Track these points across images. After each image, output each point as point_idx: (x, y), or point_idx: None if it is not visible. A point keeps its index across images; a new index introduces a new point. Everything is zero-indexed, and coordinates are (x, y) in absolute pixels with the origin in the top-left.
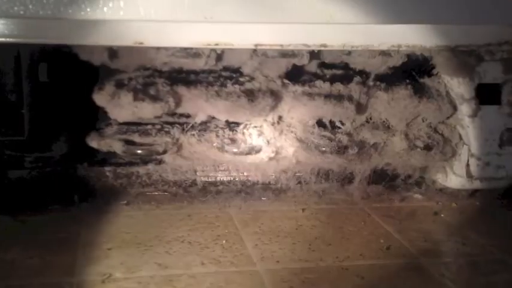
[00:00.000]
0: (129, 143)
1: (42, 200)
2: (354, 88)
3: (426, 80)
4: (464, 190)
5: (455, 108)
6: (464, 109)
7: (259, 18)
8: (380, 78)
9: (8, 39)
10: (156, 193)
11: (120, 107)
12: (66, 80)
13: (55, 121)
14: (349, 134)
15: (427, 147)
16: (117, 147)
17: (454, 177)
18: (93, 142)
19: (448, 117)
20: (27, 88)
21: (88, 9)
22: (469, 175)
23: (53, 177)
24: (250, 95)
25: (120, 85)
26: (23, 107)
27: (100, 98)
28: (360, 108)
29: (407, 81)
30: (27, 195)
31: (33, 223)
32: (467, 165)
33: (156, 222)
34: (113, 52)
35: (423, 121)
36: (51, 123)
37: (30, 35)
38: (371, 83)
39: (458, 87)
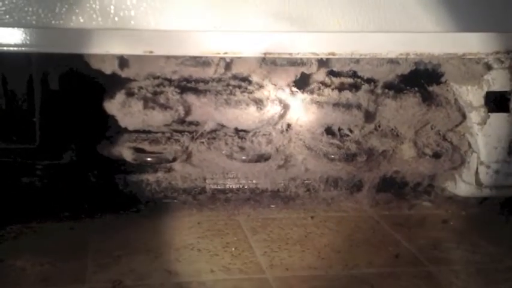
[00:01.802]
0: (139, 150)
1: (53, 208)
2: (363, 96)
3: (435, 88)
4: (473, 198)
5: (464, 116)
6: (473, 117)
7: (268, 27)
8: (388, 86)
9: (20, 49)
10: (166, 200)
11: (130, 115)
12: (77, 89)
13: (66, 129)
14: (357, 142)
15: (436, 155)
16: (127, 155)
17: (463, 185)
18: (104, 150)
19: (456, 125)
20: (38, 97)
21: (99, 19)
22: (478, 183)
23: (63, 185)
24: (259, 103)
25: (130, 93)
26: (35, 115)
27: (110, 106)
28: (369, 116)
29: (416, 89)
30: (38, 203)
31: (43, 230)
32: (477, 173)
33: (166, 229)
34: (124, 61)
35: (432, 129)
36: (62, 132)
37: (42, 44)
38: (379, 91)
39: (467, 95)
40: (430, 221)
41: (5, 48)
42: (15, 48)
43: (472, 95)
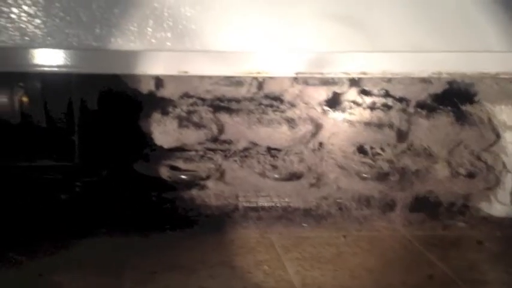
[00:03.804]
0: (173, 168)
1: (89, 224)
2: (395, 115)
3: (468, 107)
4: (508, 219)
5: (498, 135)
6: (508, 136)
7: (300, 47)
8: (421, 105)
9: (61, 70)
10: (199, 218)
11: (165, 133)
12: (115, 108)
13: (104, 147)
14: (390, 161)
15: (470, 175)
16: (163, 172)
17: (498, 206)
18: (140, 168)
19: (491, 145)
20: (77, 116)
21: (137, 41)
22: None
23: (100, 202)
24: (291, 122)
25: (165, 112)
26: (74, 134)
27: (147, 125)
28: (401, 135)
29: (449, 108)
30: (75, 219)
31: (81, 246)
32: None
33: (199, 246)
34: (159, 81)
35: (465, 148)
36: (100, 150)
37: (82, 66)
38: (412, 110)
39: (500, 114)
40: (465, 241)
41: (47, 69)
42: (57, 69)
43: (506, 115)
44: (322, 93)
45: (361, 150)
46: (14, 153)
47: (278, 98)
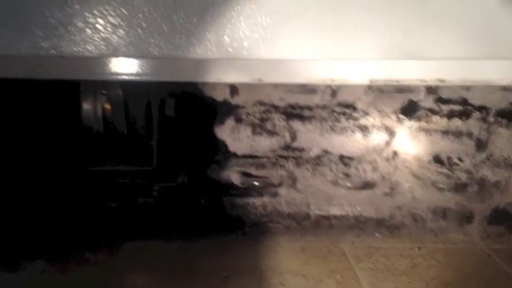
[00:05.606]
0: (246, 175)
1: (165, 227)
2: (474, 124)
3: None
4: None
5: None
6: None
7: (375, 55)
8: (501, 114)
9: (142, 78)
10: (270, 224)
11: (239, 140)
12: (190, 115)
13: (180, 153)
14: (468, 171)
15: None
16: (235, 178)
17: None
18: (214, 173)
19: None
20: (156, 122)
21: (214, 50)
22: None
23: (175, 206)
24: (365, 130)
25: (239, 120)
26: (152, 140)
27: (221, 132)
28: (480, 144)
29: None
30: (152, 222)
31: (156, 248)
32: None
33: (270, 253)
34: (234, 88)
35: None
36: (176, 155)
37: (161, 74)
38: (492, 119)
39: None
40: None
41: (128, 77)
42: (138, 78)
43: None
44: (397, 101)
45: (437, 159)
46: (98, 158)
47: (351, 106)
